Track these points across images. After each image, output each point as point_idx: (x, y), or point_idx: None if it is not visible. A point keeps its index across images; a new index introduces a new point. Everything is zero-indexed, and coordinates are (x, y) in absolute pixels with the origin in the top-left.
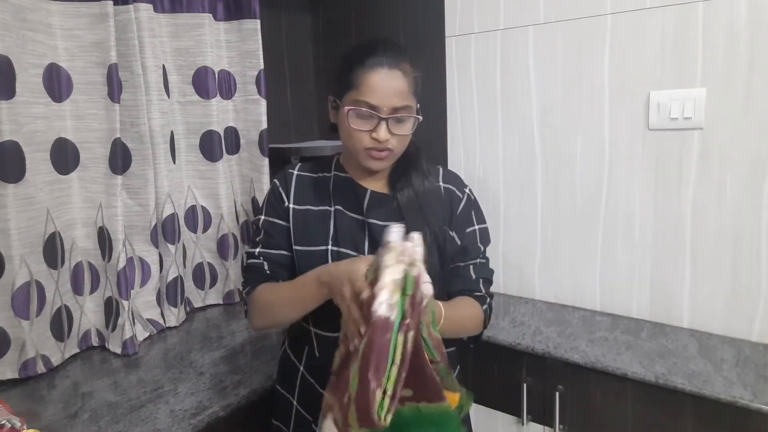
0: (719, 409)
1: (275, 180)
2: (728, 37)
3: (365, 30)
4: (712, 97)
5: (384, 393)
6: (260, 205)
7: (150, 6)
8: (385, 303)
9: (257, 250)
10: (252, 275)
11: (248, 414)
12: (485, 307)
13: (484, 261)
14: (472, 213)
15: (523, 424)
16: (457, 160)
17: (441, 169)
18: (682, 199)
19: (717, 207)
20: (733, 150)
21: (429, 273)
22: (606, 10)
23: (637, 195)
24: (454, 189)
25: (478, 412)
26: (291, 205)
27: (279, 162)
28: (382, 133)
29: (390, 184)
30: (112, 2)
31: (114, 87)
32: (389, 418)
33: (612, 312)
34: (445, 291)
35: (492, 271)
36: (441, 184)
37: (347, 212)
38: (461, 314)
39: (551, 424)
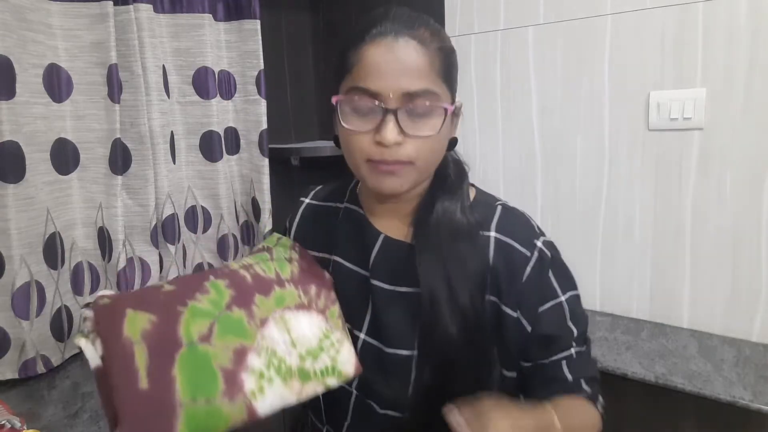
0: (719, 409)
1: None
2: (728, 37)
3: None
4: (712, 97)
5: None
6: (260, 206)
7: (150, 6)
8: None
9: None
10: None
11: None
12: (600, 410)
13: (582, 350)
14: (552, 279)
15: None
16: None
17: (499, 209)
18: (682, 199)
19: (717, 207)
20: (733, 150)
21: (449, 371)
22: (606, 10)
23: (637, 195)
24: (514, 244)
25: None
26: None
27: (279, 162)
28: (388, 132)
29: (414, 226)
30: (112, 2)
31: (114, 87)
32: None
33: (612, 312)
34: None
35: (595, 362)
36: (492, 233)
37: (348, 264)
38: (581, 424)
39: None
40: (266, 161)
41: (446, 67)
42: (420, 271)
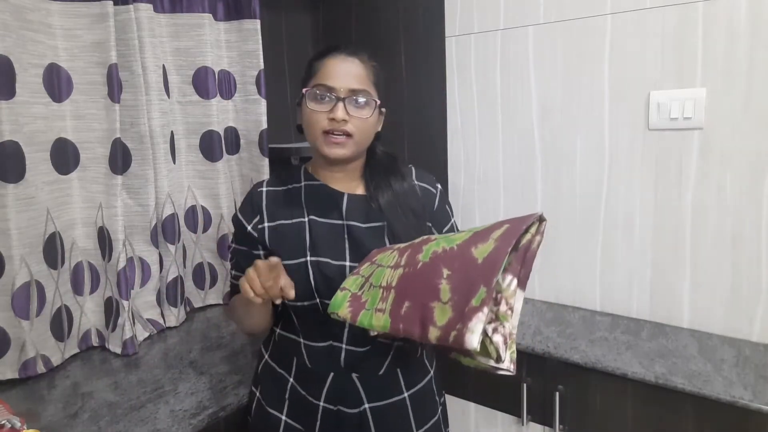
0: (719, 409)
1: (240, 206)
2: (728, 37)
3: (365, 30)
4: (712, 97)
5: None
6: None
7: (150, 6)
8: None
9: (233, 272)
10: (231, 293)
11: (248, 414)
12: None
13: None
14: (447, 207)
15: (523, 424)
16: (457, 160)
17: (413, 169)
18: (682, 199)
19: (717, 207)
20: (733, 150)
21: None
22: (606, 10)
23: (637, 195)
24: (427, 186)
25: (478, 412)
26: (266, 224)
27: (279, 162)
28: (339, 111)
29: (366, 186)
30: (112, 2)
31: (114, 87)
32: None
33: (612, 312)
34: None
35: None
36: (416, 182)
37: (323, 219)
38: None
39: (551, 424)
40: (266, 161)
41: (377, 79)
42: (386, 212)
